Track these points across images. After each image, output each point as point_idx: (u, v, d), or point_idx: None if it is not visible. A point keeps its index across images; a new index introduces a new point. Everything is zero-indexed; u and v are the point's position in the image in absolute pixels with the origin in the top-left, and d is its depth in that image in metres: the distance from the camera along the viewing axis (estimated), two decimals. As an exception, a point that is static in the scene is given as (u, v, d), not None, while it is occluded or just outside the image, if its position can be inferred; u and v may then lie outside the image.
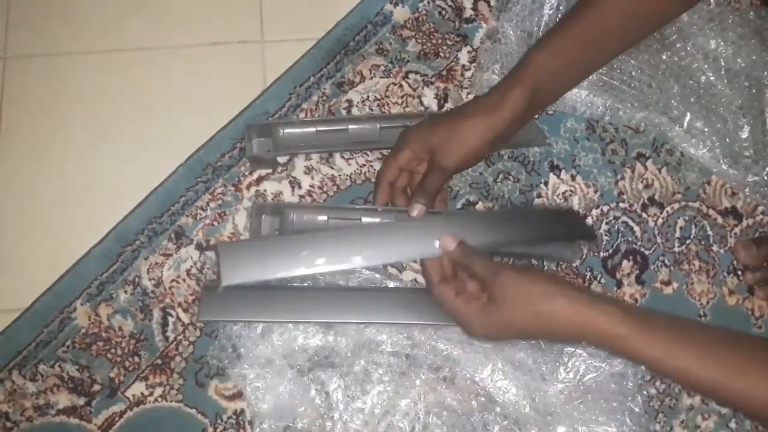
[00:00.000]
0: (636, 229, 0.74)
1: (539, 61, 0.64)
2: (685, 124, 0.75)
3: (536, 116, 0.76)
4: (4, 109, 0.75)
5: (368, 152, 0.74)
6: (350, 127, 0.72)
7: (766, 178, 0.74)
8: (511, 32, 0.76)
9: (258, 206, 0.69)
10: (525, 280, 0.56)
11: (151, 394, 0.66)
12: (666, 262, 0.73)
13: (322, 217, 0.68)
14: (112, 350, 0.67)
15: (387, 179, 0.68)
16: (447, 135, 0.65)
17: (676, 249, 0.74)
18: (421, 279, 0.71)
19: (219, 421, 0.66)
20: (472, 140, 0.64)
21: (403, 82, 0.77)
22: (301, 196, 0.73)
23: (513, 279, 0.56)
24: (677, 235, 0.74)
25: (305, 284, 0.68)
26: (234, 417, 0.66)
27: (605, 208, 0.75)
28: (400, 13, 0.80)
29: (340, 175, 0.74)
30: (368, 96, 0.76)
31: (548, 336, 0.58)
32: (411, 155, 0.67)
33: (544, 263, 0.72)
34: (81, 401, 0.66)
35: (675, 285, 0.73)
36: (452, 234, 0.61)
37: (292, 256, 0.59)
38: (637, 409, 0.66)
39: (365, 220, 0.68)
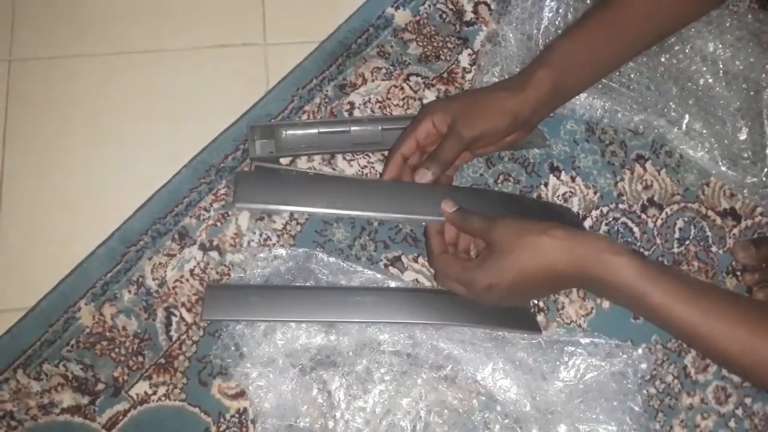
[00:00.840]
0: (635, 230, 0.75)
1: (565, 47, 0.65)
2: (684, 126, 0.76)
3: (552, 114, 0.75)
4: (10, 111, 0.76)
5: (370, 154, 0.75)
6: (352, 128, 0.73)
7: (764, 179, 0.75)
8: (511, 35, 0.76)
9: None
10: (521, 223, 0.59)
11: (154, 393, 0.67)
12: (665, 262, 0.74)
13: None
14: (116, 350, 0.68)
15: (401, 151, 0.67)
16: (469, 105, 0.65)
17: (675, 250, 0.75)
18: (422, 279, 0.71)
19: (222, 420, 0.66)
20: (494, 111, 0.64)
21: (405, 85, 0.78)
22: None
23: (509, 224, 0.59)
24: (676, 236, 0.75)
25: (308, 284, 0.69)
26: (237, 416, 0.67)
27: (605, 209, 0.75)
28: (402, 17, 0.81)
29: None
30: (370, 98, 0.77)
31: (549, 273, 0.57)
32: (431, 126, 0.66)
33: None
34: (85, 400, 0.66)
35: (674, 285, 0.73)
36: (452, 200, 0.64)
37: (303, 192, 0.64)
38: (637, 408, 0.66)
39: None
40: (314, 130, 0.72)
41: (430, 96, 0.78)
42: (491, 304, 0.63)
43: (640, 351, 0.69)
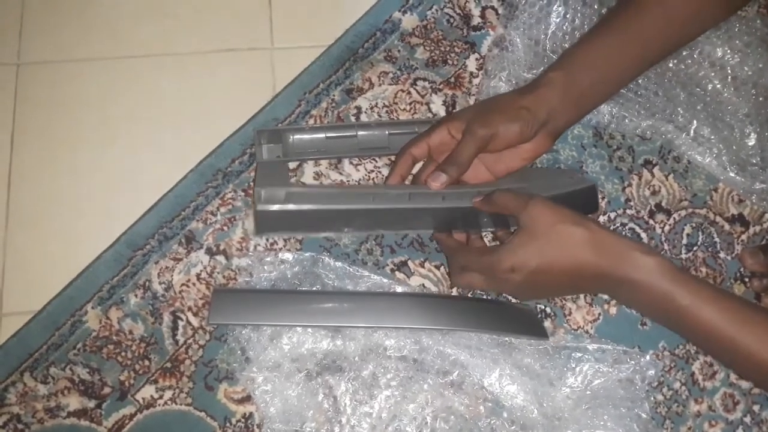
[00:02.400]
0: (643, 235, 0.75)
1: (578, 52, 0.65)
2: (692, 132, 0.76)
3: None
4: (18, 114, 0.76)
5: (377, 158, 0.75)
6: (359, 133, 0.73)
7: (773, 185, 0.75)
8: (518, 40, 0.76)
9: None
10: (556, 208, 0.58)
11: (160, 397, 0.67)
12: (673, 268, 0.73)
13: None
14: (123, 353, 0.68)
15: (412, 151, 0.66)
16: (483, 107, 0.66)
17: (683, 256, 0.74)
18: (428, 284, 0.71)
19: (228, 425, 0.66)
20: (508, 109, 0.63)
21: (412, 89, 0.78)
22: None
23: (545, 206, 0.58)
24: (684, 242, 0.75)
25: (314, 288, 0.69)
26: (243, 420, 0.67)
27: (612, 215, 0.75)
28: (409, 21, 0.81)
29: (348, 181, 0.74)
30: (377, 103, 0.77)
31: (576, 266, 0.57)
32: (445, 133, 0.65)
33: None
34: (91, 404, 0.66)
35: (682, 291, 0.73)
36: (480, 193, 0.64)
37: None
38: (644, 415, 0.66)
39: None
40: (321, 135, 0.72)
41: (437, 101, 0.78)
42: (509, 291, 0.62)
43: (648, 358, 0.68)
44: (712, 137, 0.75)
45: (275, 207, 0.62)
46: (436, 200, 0.65)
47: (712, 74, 0.75)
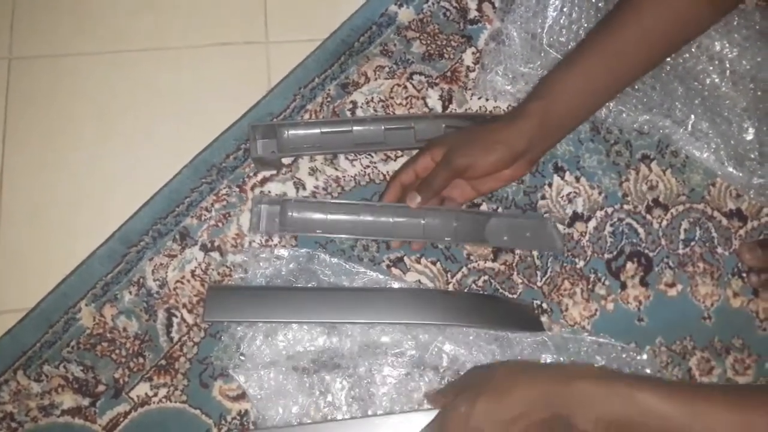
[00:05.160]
0: (640, 230, 0.74)
1: (557, 77, 0.65)
2: (690, 127, 0.75)
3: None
4: (10, 109, 0.75)
5: (372, 154, 0.75)
6: (355, 128, 0.72)
7: (771, 180, 0.74)
8: (515, 34, 0.76)
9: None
10: (485, 366, 0.62)
11: (155, 394, 0.66)
12: (670, 264, 0.73)
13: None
14: (117, 351, 0.67)
15: (401, 180, 0.69)
16: (464, 137, 0.67)
17: (681, 251, 0.74)
18: (424, 280, 0.71)
19: (223, 422, 0.66)
20: (486, 141, 0.65)
21: (408, 83, 0.77)
22: (305, 198, 0.73)
23: (474, 370, 0.62)
24: (682, 236, 0.74)
25: (310, 285, 0.68)
26: (238, 418, 0.66)
27: (609, 210, 0.74)
28: (405, 14, 0.80)
29: (344, 177, 0.74)
30: (372, 97, 0.76)
31: (520, 401, 0.54)
32: (428, 160, 0.68)
33: (535, 254, 0.72)
34: (86, 402, 0.66)
35: (679, 287, 0.73)
36: None
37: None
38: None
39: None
40: (316, 130, 0.72)
41: (433, 95, 0.77)
42: None
43: (645, 356, 0.68)
44: (710, 132, 0.75)
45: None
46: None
47: (710, 68, 0.74)
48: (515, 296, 0.71)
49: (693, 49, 0.74)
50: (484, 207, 0.74)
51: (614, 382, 0.52)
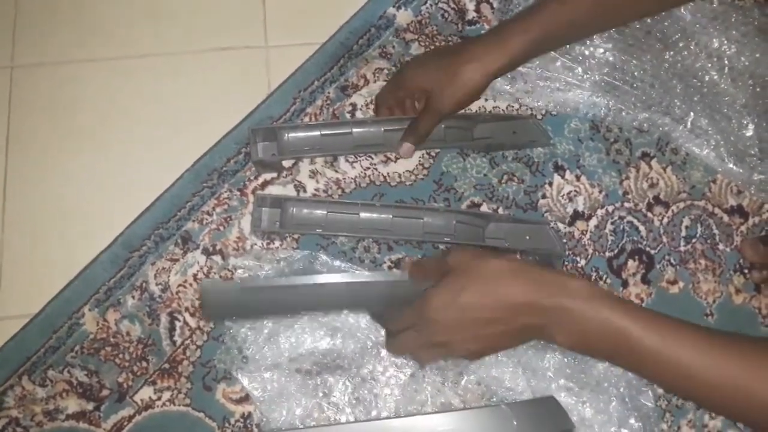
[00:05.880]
0: (641, 228, 0.74)
1: (552, 11, 0.64)
2: (689, 124, 0.75)
3: (540, 117, 0.76)
4: (12, 117, 0.76)
5: (372, 156, 0.75)
6: (354, 130, 0.72)
7: (771, 176, 0.74)
8: (513, 34, 0.76)
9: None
10: (475, 249, 0.60)
11: (159, 398, 0.67)
12: (672, 261, 0.73)
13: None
14: (120, 355, 0.68)
15: (385, 106, 0.73)
16: (443, 79, 0.66)
17: (682, 248, 0.74)
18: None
19: (227, 425, 0.66)
20: (469, 84, 0.65)
21: (407, 85, 0.78)
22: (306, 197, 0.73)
23: (464, 250, 0.58)
24: (683, 234, 0.74)
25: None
26: (242, 420, 0.66)
27: (610, 208, 0.74)
28: (403, 17, 0.80)
29: (344, 179, 0.74)
30: (372, 99, 0.77)
31: (501, 299, 0.54)
32: (405, 94, 0.71)
33: (535, 257, 0.72)
34: (90, 406, 0.66)
35: (681, 284, 0.73)
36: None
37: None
38: (649, 404, 0.66)
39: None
40: (316, 132, 0.72)
41: (432, 96, 0.77)
42: (441, 341, 0.57)
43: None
44: (710, 129, 0.75)
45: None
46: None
47: (709, 65, 0.74)
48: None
49: (691, 47, 0.75)
50: (484, 207, 0.74)
51: (600, 307, 0.52)
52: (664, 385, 0.56)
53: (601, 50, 0.75)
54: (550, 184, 0.75)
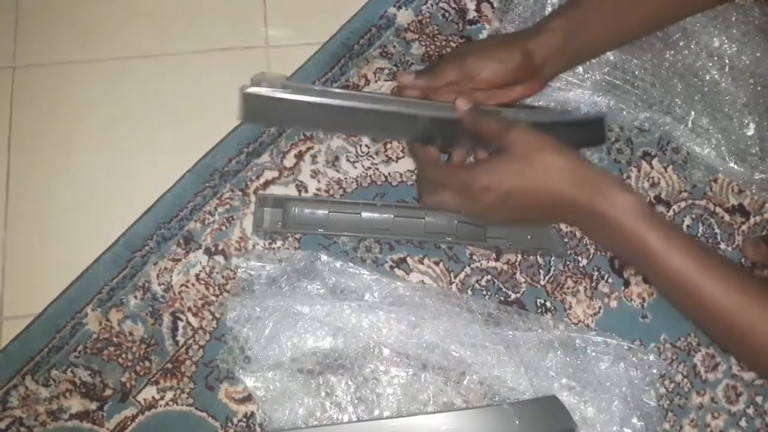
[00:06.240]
0: (643, 227, 0.74)
1: (588, 2, 0.63)
2: (690, 123, 0.75)
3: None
4: (14, 117, 0.76)
5: (373, 155, 0.75)
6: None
7: (773, 175, 0.74)
8: (514, 33, 0.76)
9: (261, 198, 0.70)
10: (539, 136, 0.57)
11: (162, 398, 0.67)
12: (673, 260, 0.73)
13: (323, 211, 0.70)
14: (123, 355, 0.68)
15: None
16: (481, 45, 0.67)
17: (684, 247, 0.74)
18: (428, 280, 0.71)
19: (230, 425, 0.66)
20: (504, 47, 0.63)
21: (408, 85, 0.78)
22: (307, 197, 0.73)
23: (528, 132, 0.58)
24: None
25: (314, 284, 0.68)
26: (244, 420, 0.67)
27: (611, 208, 0.75)
28: (404, 16, 0.80)
29: (345, 179, 0.74)
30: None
31: (550, 194, 0.56)
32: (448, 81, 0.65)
33: (537, 257, 0.72)
34: (93, 406, 0.66)
35: (683, 283, 0.73)
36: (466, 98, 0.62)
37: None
38: (651, 403, 0.66)
39: (365, 215, 0.70)
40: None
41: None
42: (479, 212, 0.60)
43: (651, 357, 0.68)
44: (711, 128, 0.75)
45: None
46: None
47: (710, 64, 0.75)
48: (519, 295, 0.71)
49: (692, 46, 0.75)
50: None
51: (636, 226, 0.54)
52: (682, 308, 0.58)
53: (602, 50, 0.75)
54: (552, 183, 0.75)
